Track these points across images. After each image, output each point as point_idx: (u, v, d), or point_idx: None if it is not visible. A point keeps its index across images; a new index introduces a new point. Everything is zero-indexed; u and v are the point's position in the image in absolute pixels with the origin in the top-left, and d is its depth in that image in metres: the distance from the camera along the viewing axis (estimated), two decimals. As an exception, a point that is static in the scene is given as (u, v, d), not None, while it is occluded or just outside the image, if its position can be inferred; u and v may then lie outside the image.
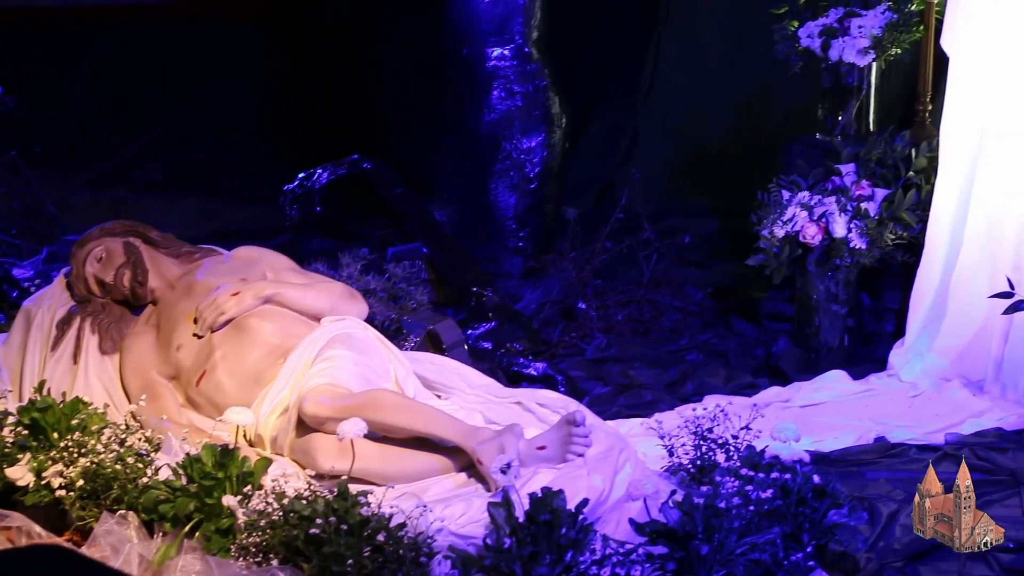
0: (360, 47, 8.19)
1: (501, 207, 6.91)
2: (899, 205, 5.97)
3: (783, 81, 7.10)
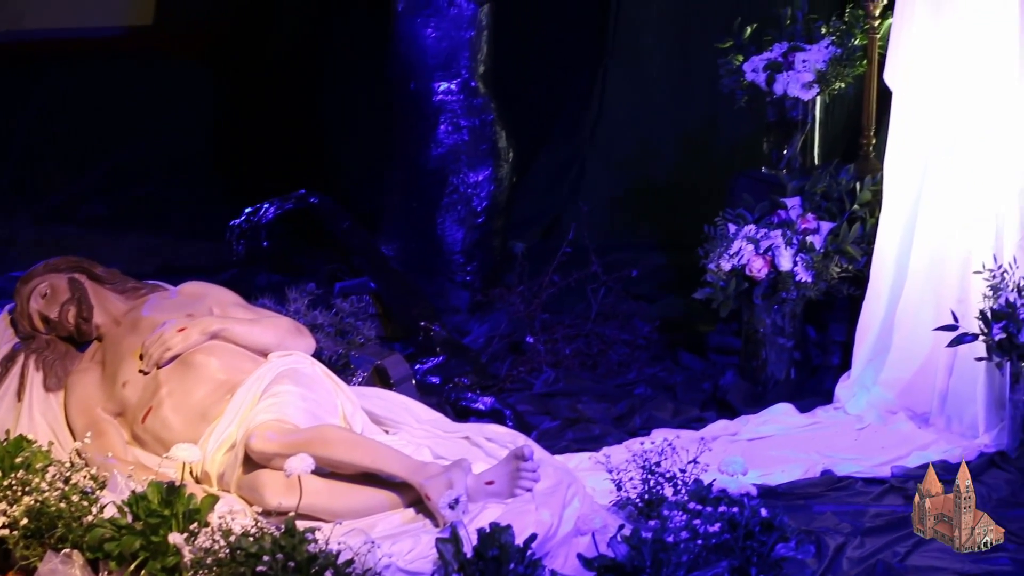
0: (307, 82, 8.19)
1: (448, 241, 6.91)
2: (844, 238, 6.01)
3: (728, 115, 7.13)
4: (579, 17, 7.94)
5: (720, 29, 6.72)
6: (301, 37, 8.21)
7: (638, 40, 7.76)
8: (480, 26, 6.80)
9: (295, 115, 8.18)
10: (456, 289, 6.92)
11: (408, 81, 6.86)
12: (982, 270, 5.39)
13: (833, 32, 6.40)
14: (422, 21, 6.78)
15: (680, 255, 7.04)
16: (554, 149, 7.94)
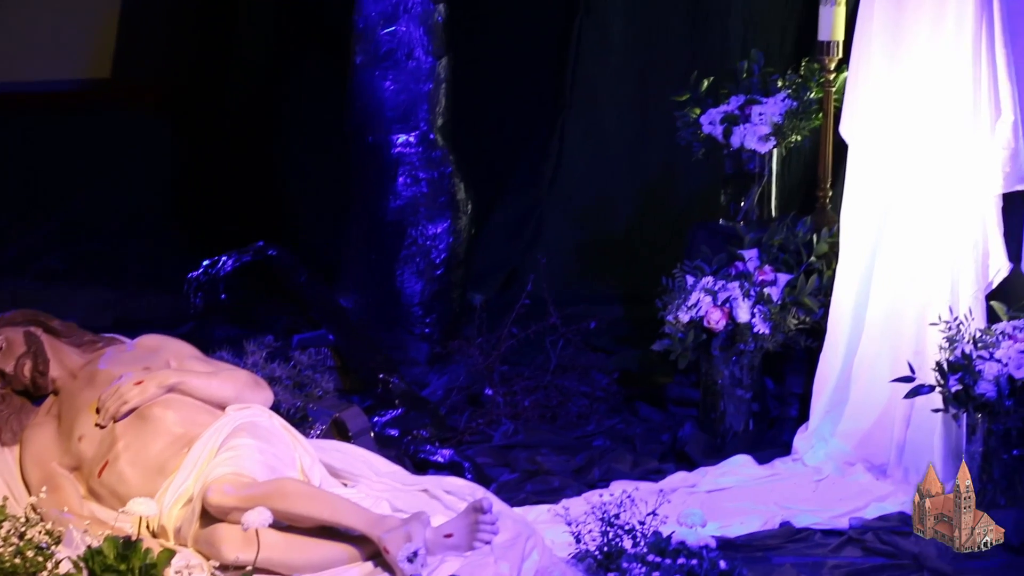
0: (264, 134, 8.19)
1: (407, 293, 6.90)
2: (801, 290, 6.03)
3: (686, 167, 7.17)
4: (537, 70, 7.98)
5: (677, 82, 6.76)
6: (258, 89, 8.21)
7: (595, 93, 7.80)
8: (438, 79, 6.82)
9: (253, 167, 8.17)
10: (415, 341, 6.91)
11: (366, 134, 6.86)
12: (938, 322, 5.42)
13: (789, 85, 6.46)
14: (380, 74, 6.79)
15: (638, 307, 7.05)
16: (512, 201, 7.96)
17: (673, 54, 7.62)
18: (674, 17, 7.67)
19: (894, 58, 5.70)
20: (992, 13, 5.46)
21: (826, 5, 6.31)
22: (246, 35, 8.19)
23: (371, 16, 6.76)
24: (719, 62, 7.26)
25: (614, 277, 7.60)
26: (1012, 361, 5.18)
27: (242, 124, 8.19)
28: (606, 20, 7.77)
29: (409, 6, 6.74)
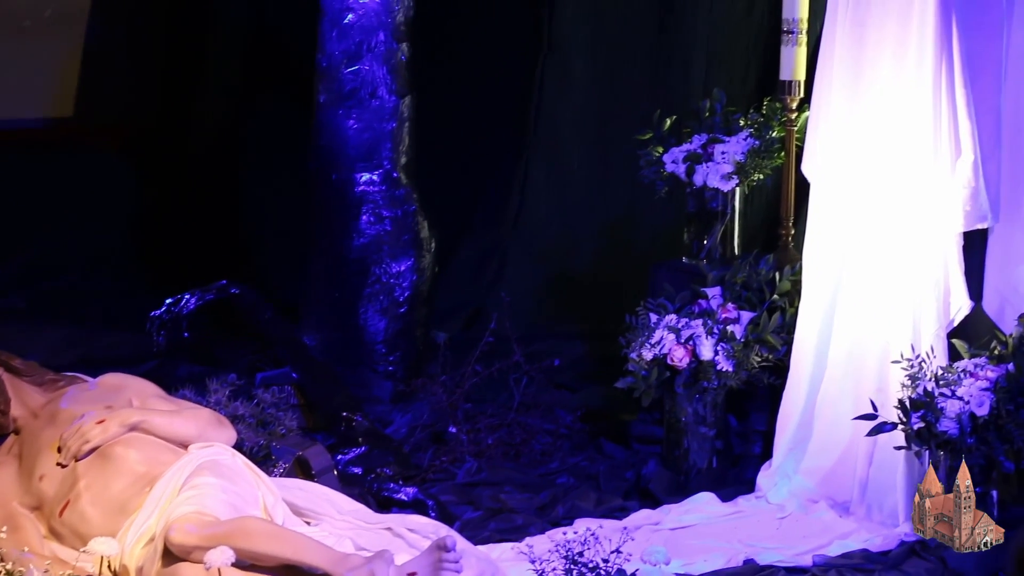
0: (228, 172, 8.18)
1: (371, 331, 6.90)
2: (764, 328, 6.05)
3: (649, 206, 7.19)
4: (500, 108, 8.00)
5: (640, 121, 6.79)
6: (222, 128, 8.21)
7: (559, 131, 7.83)
8: (402, 118, 6.83)
9: (216, 206, 8.16)
10: (378, 379, 6.90)
11: (330, 172, 6.87)
12: (900, 360, 5.45)
13: (751, 124, 6.49)
14: (344, 113, 6.80)
15: (602, 344, 7.06)
16: (476, 239, 7.97)
17: (636, 93, 7.65)
18: (637, 56, 7.70)
19: (855, 98, 5.74)
20: (952, 54, 5.51)
21: (787, 45, 6.35)
22: (210, 73, 8.20)
23: (334, 55, 6.78)
24: (682, 101, 7.30)
25: (578, 314, 7.61)
26: (974, 399, 5.20)
27: (206, 162, 8.18)
28: (569, 59, 7.81)
29: (372, 45, 6.75)
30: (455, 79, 7.94)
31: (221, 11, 8.11)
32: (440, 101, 7.68)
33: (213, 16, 8.12)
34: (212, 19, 8.12)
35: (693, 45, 7.59)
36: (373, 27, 6.74)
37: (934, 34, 5.50)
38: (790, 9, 6.34)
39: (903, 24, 5.58)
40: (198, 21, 8.16)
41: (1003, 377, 5.24)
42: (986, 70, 5.59)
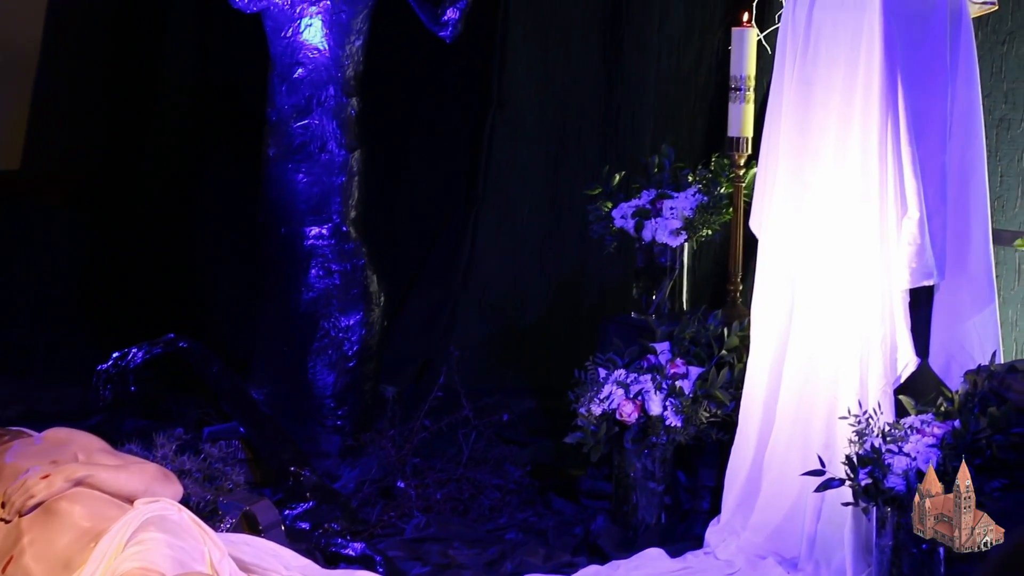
0: (177, 225, 8.16)
1: (319, 386, 6.87)
2: (713, 383, 6.07)
3: (598, 261, 7.21)
4: (450, 163, 8.02)
5: (589, 176, 6.82)
6: (171, 180, 8.19)
7: (508, 185, 7.85)
8: (352, 172, 6.83)
9: (165, 258, 8.13)
10: (327, 434, 6.87)
11: (279, 225, 6.86)
12: (847, 416, 5.47)
13: (700, 180, 6.52)
14: (293, 167, 6.80)
15: (551, 399, 7.06)
16: (425, 293, 7.97)
17: (585, 148, 7.69)
18: (586, 112, 7.75)
19: (802, 155, 5.78)
20: (897, 113, 5.56)
21: (735, 102, 6.41)
22: (159, 126, 8.18)
23: (284, 109, 6.78)
24: (631, 156, 7.34)
25: (527, 369, 7.61)
26: (920, 455, 5.22)
27: (154, 215, 8.16)
28: (519, 114, 7.84)
29: (322, 99, 6.76)
30: (405, 133, 7.96)
31: (170, 64, 8.11)
32: (390, 155, 7.70)
33: (162, 69, 8.11)
34: (161, 72, 8.12)
35: (642, 101, 7.64)
36: (323, 81, 6.75)
37: (880, 93, 5.55)
38: (738, 66, 6.40)
39: (849, 82, 5.63)
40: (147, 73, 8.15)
41: (949, 434, 5.27)
42: (931, 129, 5.65)
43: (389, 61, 7.51)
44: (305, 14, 6.69)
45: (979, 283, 5.75)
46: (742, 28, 6.42)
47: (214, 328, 7.77)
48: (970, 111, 5.75)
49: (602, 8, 7.72)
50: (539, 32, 7.81)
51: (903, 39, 5.58)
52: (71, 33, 8.09)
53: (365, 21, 6.78)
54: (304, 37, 6.72)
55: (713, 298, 6.88)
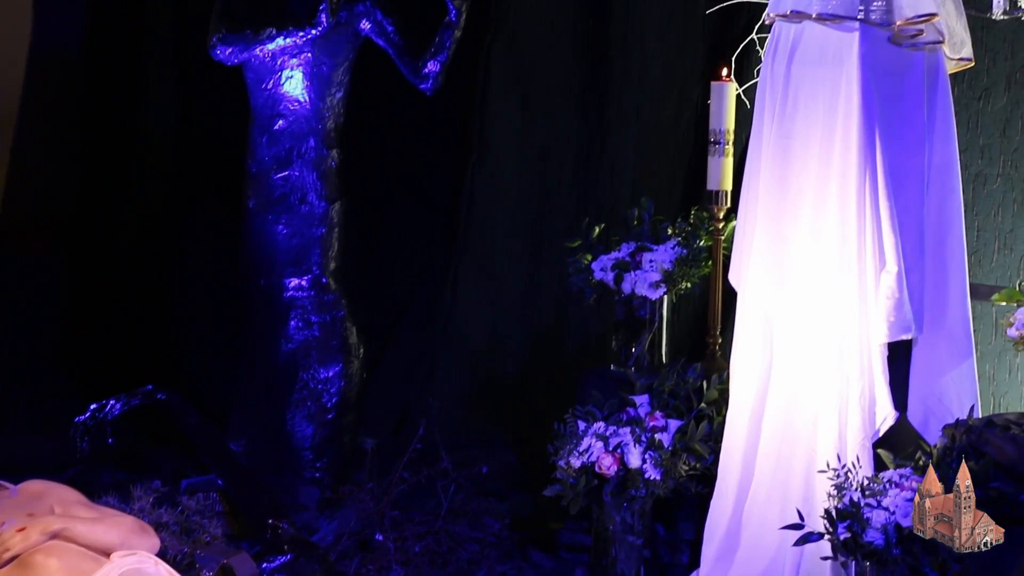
0: (156, 275, 8.15)
1: (298, 438, 6.86)
2: (692, 436, 6.07)
3: (577, 313, 7.23)
4: (430, 214, 8.04)
5: (569, 229, 6.84)
6: (150, 231, 8.19)
7: (488, 237, 7.87)
8: (331, 223, 6.84)
9: (143, 309, 8.12)
10: (305, 486, 6.85)
11: (259, 277, 6.85)
12: (826, 470, 5.47)
13: (679, 233, 6.55)
14: (273, 218, 6.80)
15: (530, 451, 7.05)
16: (405, 345, 7.96)
17: (565, 201, 7.71)
18: (566, 165, 7.78)
19: (781, 208, 5.80)
20: (875, 167, 5.59)
21: (714, 155, 6.44)
22: (139, 177, 8.19)
23: (264, 161, 6.79)
24: (610, 209, 7.36)
25: (506, 421, 7.61)
26: (899, 509, 5.22)
27: (133, 266, 8.14)
28: (499, 166, 7.87)
29: (303, 151, 6.77)
30: (385, 185, 7.98)
31: (151, 114, 8.12)
32: (370, 207, 7.71)
33: (143, 119, 8.12)
34: (142, 122, 8.12)
35: (622, 154, 7.67)
36: (304, 133, 6.76)
37: (858, 147, 5.58)
38: (717, 120, 6.44)
39: (828, 137, 5.66)
40: (128, 123, 8.16)
41: (928, 488, 5.27)
42: (909, 183, 5.67)
43: (370, 113, 7.53)
44: (286, 66, 6.71)
45: (957, 337, 5.77)
46: (721, 82, 6.45)
47: (193, 379, 7.75)
48: (947, 166, 5.78)
49: (583, 61, 7.77)
50: (520, 85, 7.84)
51: (881, 94, 5.62)
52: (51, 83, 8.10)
53: (346, 73, 6.80)
54: (285, 89, 6.74)
55: (692, 351, 6.89)
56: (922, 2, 5.58)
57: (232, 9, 6.71)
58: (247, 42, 6.63)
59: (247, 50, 6.65)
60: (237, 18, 6.68)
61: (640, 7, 7.67)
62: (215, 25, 6.69)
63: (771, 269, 5.84)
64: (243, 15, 6.69)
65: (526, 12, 7.79)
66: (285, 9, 6.69)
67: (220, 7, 6.72)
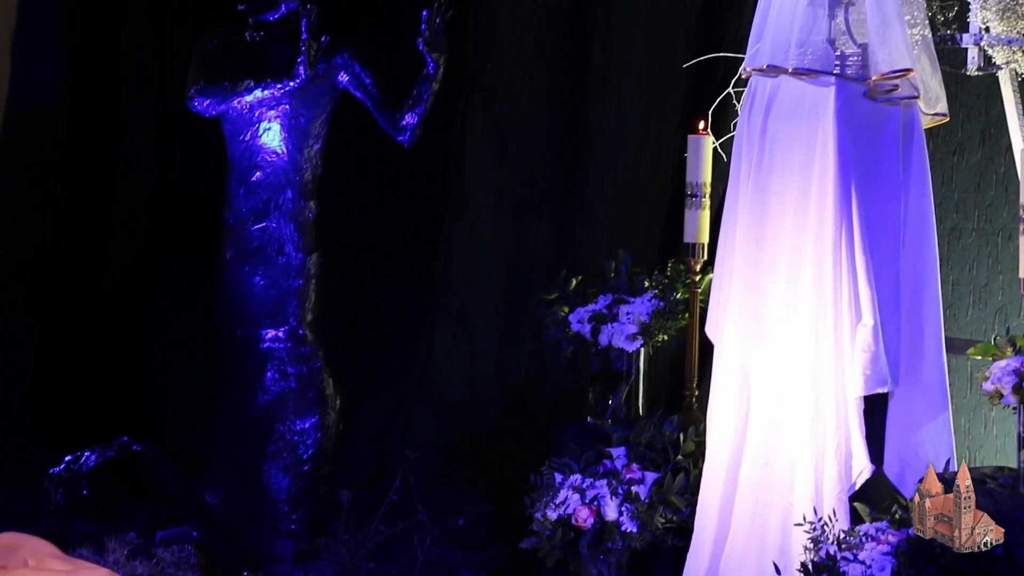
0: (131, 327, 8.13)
1: (273, 489, 6.83)
2: (669, 489, 6.06)
3: (554, 365, 7.22)
4: (407, 266, 8.04)
5: (546, 280, 6.84)
6: (127, 281, 8.18)
7: (465, 289, 7.87)
8: (308, 275, 6.83)
9: (119, 360, 8.10)
10: (281, 538, 6.82)
11: (235, 328, 6.84)
12: (803, 523, 5.47)
13: (656, 285, 6.55)
14: (250, 269, 6.80)
15: (506, 504, 7.03)
16: (382, 396, 7.95)
17: (542, 253, 7.73)
18: (543, 217, 7.79)
19: (757, 261, 5.82)
20: (851, 221, 5.61)
21: (691, 208, 6.46)
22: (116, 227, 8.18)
23: (242, 212, 6.79)
24: (588, 261, 7.37)
25: (482, 473, 7.59)
26: (875, 563, 5.22)
27: (109, 316, 8.13)
28: (476, 218, 7.88)
29: (280, 203, 6.78)
30: (363, 236, 7.98)
31: (128, 165, 8.12)
32: (347, 258, 7.71)
33: (120, 170, 8.13)
34: (119, 173, 8.13)
35: (599, 206, 7.70)
36: (281, 185, 6.77)
37: (834, 201, 5.61)
38: (694, 173, 6.46)
39: (804, 190, 5.69)
40: (105, 174, 8.16)
41: (904, 541, 5.27)
42: (885, 237, 5.70)
43: (348, 165, 7.54)
44: (264, 118, 6.73)
45: (933, 391, 5.78)
46: (698, 135, 6.48)
47: (168, 431, 7.72)
48: (923, 220, 5.81)
49: (560, 113, 7.80)
50: (497, 137, 7.86)
51: (857, 149, 5.65)
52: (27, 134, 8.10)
53: (324, 125, 6.81)
54: (263, 141, 6.75)
55: (669, 403, 6.89)
56: (897, 57, 5.62)
57: (210, 61, 6.73)
58: (225, 94, 6.65)
59: (225, 102, 6.67)
60: (215, 70, 6.70)
61: (618, 60, 7.70)
62: (193, 77, 6.70)
63: (748, 321, 5.85)
64: (221, 67, 6.71)
65: (504, 65, 7.82)
66: (263, 61, 6.71)
67: (198, 59, 6.74)
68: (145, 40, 8.13)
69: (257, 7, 6.71)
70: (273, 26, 6.75)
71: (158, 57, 8.09)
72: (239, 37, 6.77)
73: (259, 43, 6.75)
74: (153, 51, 8.14)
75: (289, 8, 6.72)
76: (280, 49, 6.71)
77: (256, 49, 6.75)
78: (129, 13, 8.12)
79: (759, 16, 5.85)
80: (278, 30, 6.75)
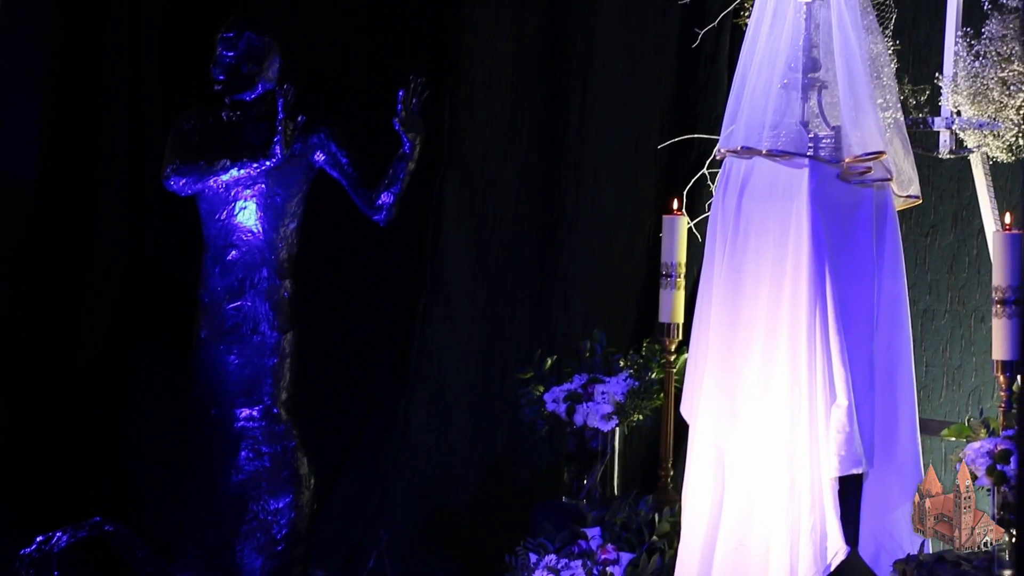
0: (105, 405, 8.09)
1: (247, 569, 6.77)
2: (644, 570, 6.04)
3: (529, 445, 7.20)
4: (382, 344, 8.02)
5: (521, 360, 6.84)
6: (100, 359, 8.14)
7: (440, 368, 7.85)
8: (283, 353, 6.82)
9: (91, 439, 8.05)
10: (253, 617, 6.76)
11: (209, 407, 6.81)
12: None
13: (631, 365, 6.56)
14: (225, 348, 6.78)
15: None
16: (356, 476, 7.91)
17: (517, 332, 7.72)
18: (518, 296, 7.80)
19: (732, 341, 5.84)
20: (825, 301, 5.64)
21: (666, 288, 6.48)
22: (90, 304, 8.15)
23: (217, 290, 6.78)
24: (563, 341, 7.37)
25: (457, 553, 7.54)
26: (851, 645, 5.21)
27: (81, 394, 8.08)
28: (451, 297, 7.88)
29: (255, 281, 6.77)
30: (338, 314, 7.97)
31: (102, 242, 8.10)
32: (322, 337, 7.70)
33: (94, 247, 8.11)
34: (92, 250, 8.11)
35: (574, 286, 7.71)
36: (257, 264, 6.76)
37: (808, 281, 5.63)
38: (669, 253, 6.49)
39: (778, 271, 5.72)
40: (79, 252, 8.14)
41: (880, 623, 5.27)
42: (859, 318, 5.72)
43: (323, 243, 7.54)
44: (240, 197, 6.73)
45: (907, 472, 5.78)
46: (673, 216, 6.51)
47: (141, 510, 7.66)
48: (896, 301, 5.84)
49: (536, 193, 7.82)
50: (473, 216, 7.88)
51: (830, 229, 5.68)
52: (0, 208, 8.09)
53: (300, 204, 6.82)
54: (238, 219, 6.75)
55: (644, 483, 6.87)
56: (870, 140, 5.67)
57: (187, 140, 6.74)
58: (201, 173, 6.65)
59: (201, 181, 6.67)
60: (192, 149, 6.70)
61: (592, 140, 7.74)
62: (169, 156, 6.71)
63: (722, 401, 5.86)
64: (198, 146, 6.71)
65: (480, 145, 7.85)
66: (240, 140, 6.73)
67: (175, 138, 6.75)
68: (120, 119, 8.13)
69: (234, 87, 6.73)
70: (250, 106, 6.77)
71: (133, 135, 8.10)
72: (216, 117, 6.79)
73: (236, 123, 6.77)
74: (129, 130, 8.14)
75: (266, 88, 6.74)
76: (257, 129, 6.73)
77: (233, 129, 6.76)
78: (104, 90, 8.12)
79: (733, 98, 5.90)
80: (255, 110, 6.76)
